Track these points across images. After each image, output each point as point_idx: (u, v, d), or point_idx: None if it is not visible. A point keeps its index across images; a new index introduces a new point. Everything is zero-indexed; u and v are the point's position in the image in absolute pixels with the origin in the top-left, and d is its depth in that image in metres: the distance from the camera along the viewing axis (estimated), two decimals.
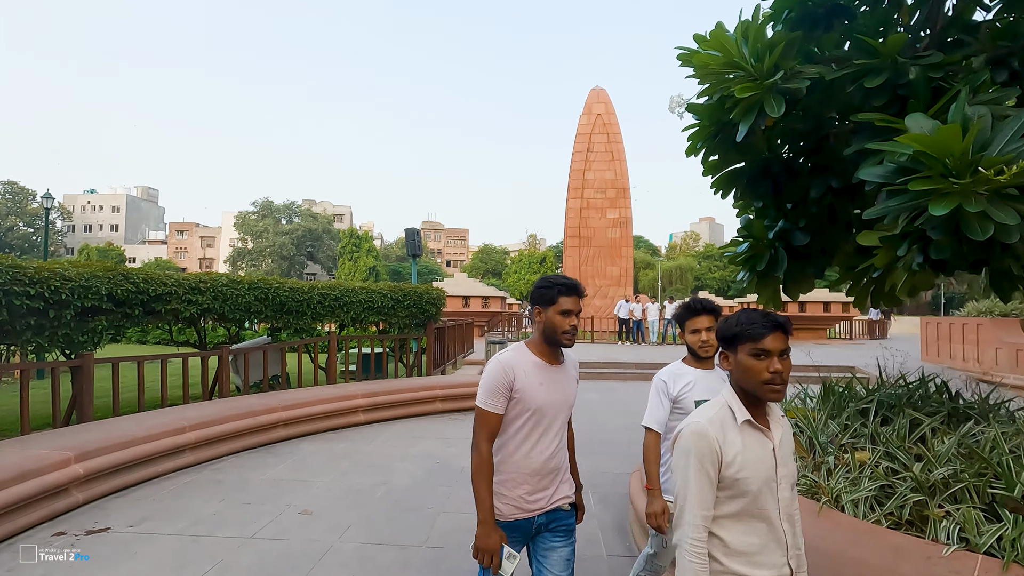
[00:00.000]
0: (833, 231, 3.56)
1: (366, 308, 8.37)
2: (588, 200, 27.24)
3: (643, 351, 16.35)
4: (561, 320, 1.94)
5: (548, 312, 1.95)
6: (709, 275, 66.45)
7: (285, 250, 73.09)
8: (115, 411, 5.63)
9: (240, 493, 4.52)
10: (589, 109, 27.92)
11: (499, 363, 1.92)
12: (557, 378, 2.01)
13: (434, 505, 4.30)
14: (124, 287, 5.66)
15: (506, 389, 1.89)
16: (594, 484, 4.84)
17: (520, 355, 1.97)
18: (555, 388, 1.98)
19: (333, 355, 8.06)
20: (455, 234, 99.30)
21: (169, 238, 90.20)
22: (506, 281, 68.54)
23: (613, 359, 13.76)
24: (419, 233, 13.68)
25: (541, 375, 1.95)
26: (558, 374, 2.02)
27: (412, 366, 9.23)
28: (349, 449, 5.96)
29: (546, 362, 1.99)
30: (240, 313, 7.10)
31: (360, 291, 8.27)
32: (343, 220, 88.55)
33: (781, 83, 2.82)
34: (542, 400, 1.93)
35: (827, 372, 13.03)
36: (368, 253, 68.78)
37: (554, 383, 1.99)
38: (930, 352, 13.53)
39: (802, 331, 21.86)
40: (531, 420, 1.93)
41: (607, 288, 26.47)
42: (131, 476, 4.59)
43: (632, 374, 12.30)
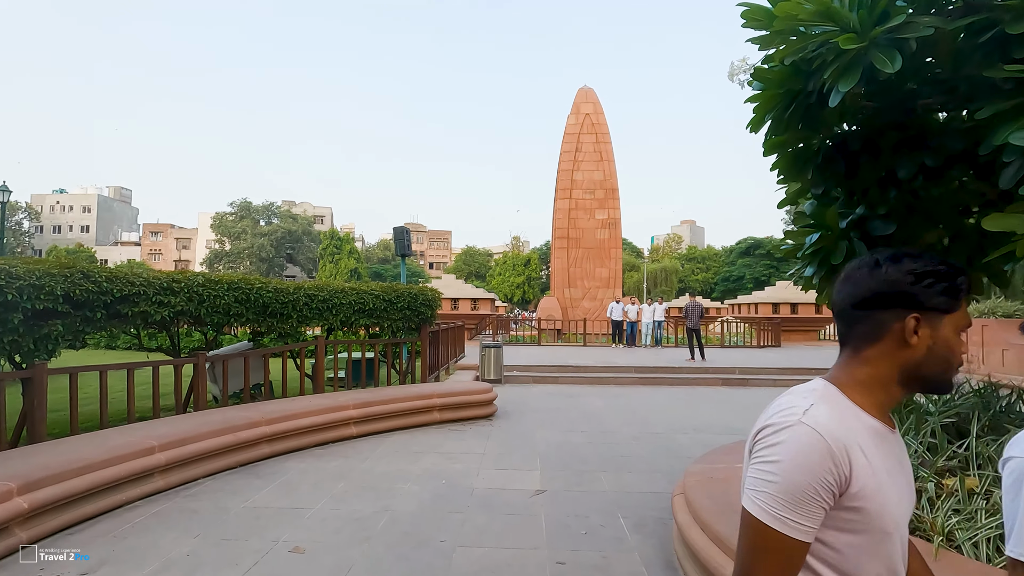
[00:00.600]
0: (914, 219, 3.08)
1: (357, 310, 7.73)
2: (577, 201, 26.84)
3: (638, 354, 15.91)
4: (957, 342, 0.98)
5: (942, 325, 0.96)
6: (692, 277, 66.83)
7: (264, 252, 71.52)
8: (73, 428, 4.93)
9: (218, 526, 3.88)
10: (577, 109, 27.54)
11: (817, 437, 0.88)
12: (900, 455, 1.03)
13: (447, 537, 3.72)
14: (83, 287, 4.96)
15: (831, 493, 0.89)
16: (623, 506, 4.32)
17: (845, 416, 0.94)
18: (902, 477, 1.01)
19: (321, 361, 7.41)
20: (438, 236, 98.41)
21: (143, 239, 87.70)
22: (490, 283, 67.95)
23: (611, 363, 13.28)
24: (408, 232, 13.04)
25: (885, 455, 0.97)
26: (897, 447, 1.02)
27: (405, 372, 8.60)
28: (343, 467, 5.33)
29: (887, 427, 1.00)
30: (218, 316, 6.43)
31: (350, 292, 7.63)
32: (324, 221, 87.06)
33: (888, 35, 2.33)
34: (894, 506, 0.95)
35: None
36: (350, 255, 67.63)
37: (900, 467, 1.01)
38: None
39: (794, 333, 21.71)
40: (871, 544, 0.93)
41: (596, 290, 26.08)
42: (87, 508, 3.92)
43: (632, 378, 11.83)
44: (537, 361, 13.34)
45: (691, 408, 8.85)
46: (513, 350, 16.71)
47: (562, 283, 25.62)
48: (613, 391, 10.64)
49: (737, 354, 16.20)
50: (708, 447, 5.97)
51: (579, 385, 11.42)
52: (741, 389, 11.18)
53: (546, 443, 6.37)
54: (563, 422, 7.57)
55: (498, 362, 11.16)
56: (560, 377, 11.87)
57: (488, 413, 7.75)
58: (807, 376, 11.51)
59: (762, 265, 56.95)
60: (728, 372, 12.35)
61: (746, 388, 11.31)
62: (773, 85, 2.94)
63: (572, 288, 25.47)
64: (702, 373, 12.28)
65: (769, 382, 11.73)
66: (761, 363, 13.56)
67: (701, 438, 6.69)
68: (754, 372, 12.37)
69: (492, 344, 11.13)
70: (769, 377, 11.95)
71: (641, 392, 10.55)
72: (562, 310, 24.67)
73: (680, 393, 10.48)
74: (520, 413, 8.16)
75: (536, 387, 11.06)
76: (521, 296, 65.76)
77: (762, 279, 54.99)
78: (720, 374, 12.20)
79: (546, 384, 11.51)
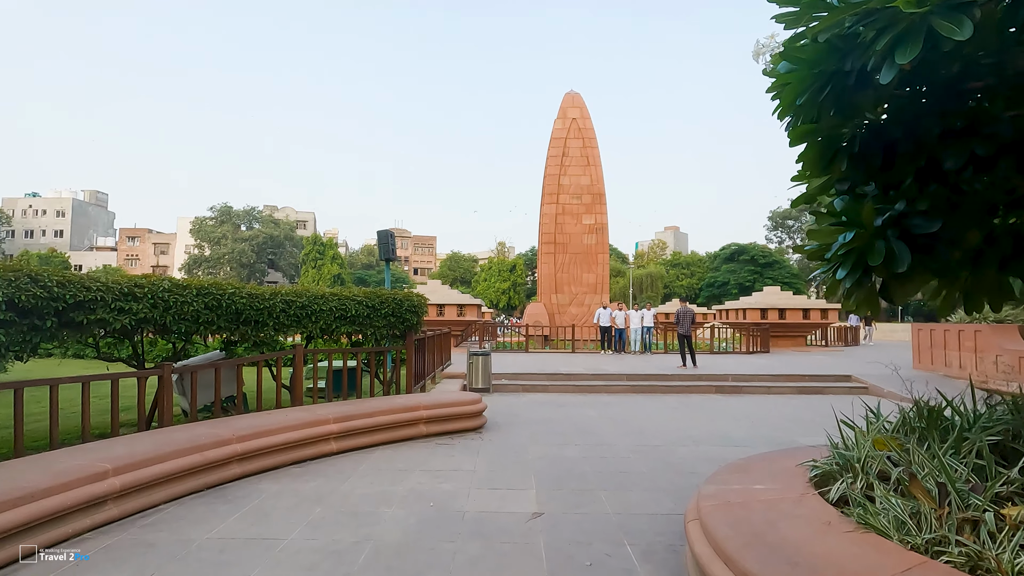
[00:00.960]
0: (957, 215, 2.79)
1: (338, 317, 7.29)
2: (564, 206, 26.61)
3: (628, 361, 15.62)
4: None
5: None
6: (677, 283, 67.09)
7: (245, 257, 70.30)
8: (17, 450, 4.43)
9: (178, 564, 3.42)
10: (564, 113, 27.37)
11: None
12: None
13: (437, 573, 3.32)
14: (31, 292, 4.47)
15: None
16: (628, 531, 3.96)
17: None
18: None
19: (299, 372, 6.95)
20: (423, 241, 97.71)
21: (119, 244, 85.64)
22: (475, 289, 67.49)
23: (601, 370, 12.96)
24: (392, 236, 12.62)
25: None
26: None
27: (390, 382, 8.17)
28: (321, 489, 4.90)
29: None
30: (186, 324, 5.95)
31: (331, 298, 7.19)
32: (306, 227, 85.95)
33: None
34: None
35: (823, 381, 12.58)
36: (333, 260, 66.74)
37: None
38: (923, 360, 13.24)
39: (782, 338, 21.63)
40: None
41: (583, 296, 25.81)
42: (27, 543, 3.44)
43: (624, 387, 11.51)
44: (525, 369, 12.97)
45: (687, 418, 8.55)
46: (500, 357, 16.32)
47: (549, 288, 25.31)
48: (605, 400, 10.30)
49: (728, 360, 16.00)
50: (711, 461, 5.65)
51: (570, 394, 11.07)
52: (735, 397, 10.93)
53: (539, 458, 5.99)
54: (556, 435, 7.21)
55: (486, 370, 10.77)
56: (550, 386, 11.51)
57: (477, 425, 7.35)
58: (800, 384, 11.29)
59: (746, 271, 57.31)
60: (721, 379, 12.10)
61: (740, 396, 11.05)
62: (805, 66, 2.62)
63: (559, 294, 25.16)
64: (695, 380, 12.02)
65: (763, 389, 11.50)
66: (753, 369, 13.34)
67: (702, 451, 6.36)
68: (747, 379, 12.13)
69: (480, 352, 10.73)
70: (763, 384, 11.73)
71: (634, 401, 10.24)
72: (549, 316, 24.35)
73: (673, 401, 10.19)
74: (510, 425, 7.77)
75: (526, 396, 10.68)
76: (507, 302, 65.40)
77: (747, 284, 55.34)
78: (713, 381, 11.95)
79: (536, 393, 11.14)
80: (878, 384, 11.44)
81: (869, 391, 11.41)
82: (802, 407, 9.62)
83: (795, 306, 21.32)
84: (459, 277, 76.45)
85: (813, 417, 8.59)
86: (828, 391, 11.50)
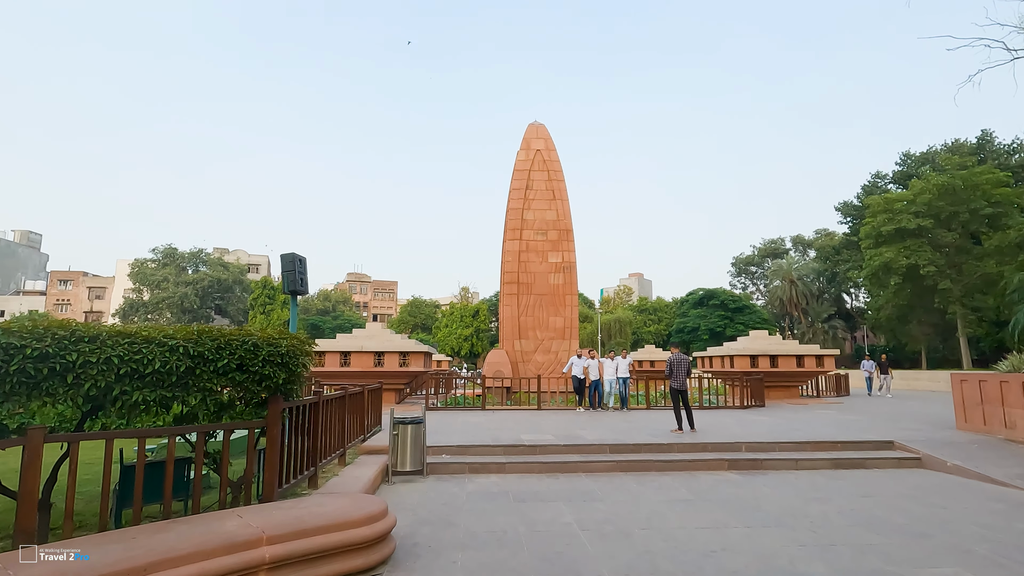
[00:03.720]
0: None
1: (128, 374, 4.16)
2: (527, 242, 24.03)
3: (607, 422, 12.63)
4: None
5: None
6: (645, 328, 65.06)
7: (187, 301, 65.27)
8: None
9: None
10: (528, 144, 25.20)
11: None
12: None
13: None
14: None
15: None
16: None
17: None
18: None
19: (34, 476, 3.73)
20: (383, 287, 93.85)
21: (50, 288, 78.92)
22: (436, 336, 63.78)
23: (576, 438, 9.92)
24: (302, 261, 9.58)
25: None
26: None
27: (240, 483, 4.95)
28: None
29: None
30: None
31: (110, 338, 4.07)
32: (259, 271, 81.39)
33: None
34: None
35: (860, 450, 9.80)
36: (283, 306, 62.27)
37: None
38: (970, 418, 10.69)
39: (774, 389, 19.08)
40: None
41: (550, 341, 22.88)
42: None
43: (608, 463, 8.45)
44: (477, 437, 9.82)
45: (711, 525, 5.60)
46: (449, 418, 13.13)
47: (512, 334, 22.39)
48: (584, 487, 7.26)
49: (725, 419, 13.19)
50: None
51: (535, 475, 7.98)
52: (758, 476, 8.03)
53: None
54: (510, 573, 4.15)
55: (417, 445, 7.63)
56: (508, 464, 8.38)
57: (373, 564, 4.22)
58: (833, 454, 7.70)
59: (716, 315, 55.72)
60: (733, 449, 9.23)
61: (763, 475, 8.16)
62: None
63: (523, 339, 22.25)
64: (699, 452, 9.11)
65: (789, 464, 8.66)
66: (763, 433, 10.55)
67: None
68: (765, 449, 9.30)
69: (408, 419, 7.60)
70: (787, 456, 8.88)
71: (625, 488, 7.23)
72: (512, 365, 21.31)
73: (681, 488, 7.23)
74: (436, 553, 4.66)
75: (474, 481, 7.55)
76: (469, 349, 61.84)
77: (717, 330, 53.57)
78: (722, 452, 9.07)
79: (488, 475, 8.02)
80: (932, 453, 8.78)
81: (924, 464, 8.72)
82: (857, 495, 6.80)
83: (788, 352, 18.89)
84: (420, 323, 72.74)
85: (889, 516, 5.79)
86: (870, 463, 8.75)
